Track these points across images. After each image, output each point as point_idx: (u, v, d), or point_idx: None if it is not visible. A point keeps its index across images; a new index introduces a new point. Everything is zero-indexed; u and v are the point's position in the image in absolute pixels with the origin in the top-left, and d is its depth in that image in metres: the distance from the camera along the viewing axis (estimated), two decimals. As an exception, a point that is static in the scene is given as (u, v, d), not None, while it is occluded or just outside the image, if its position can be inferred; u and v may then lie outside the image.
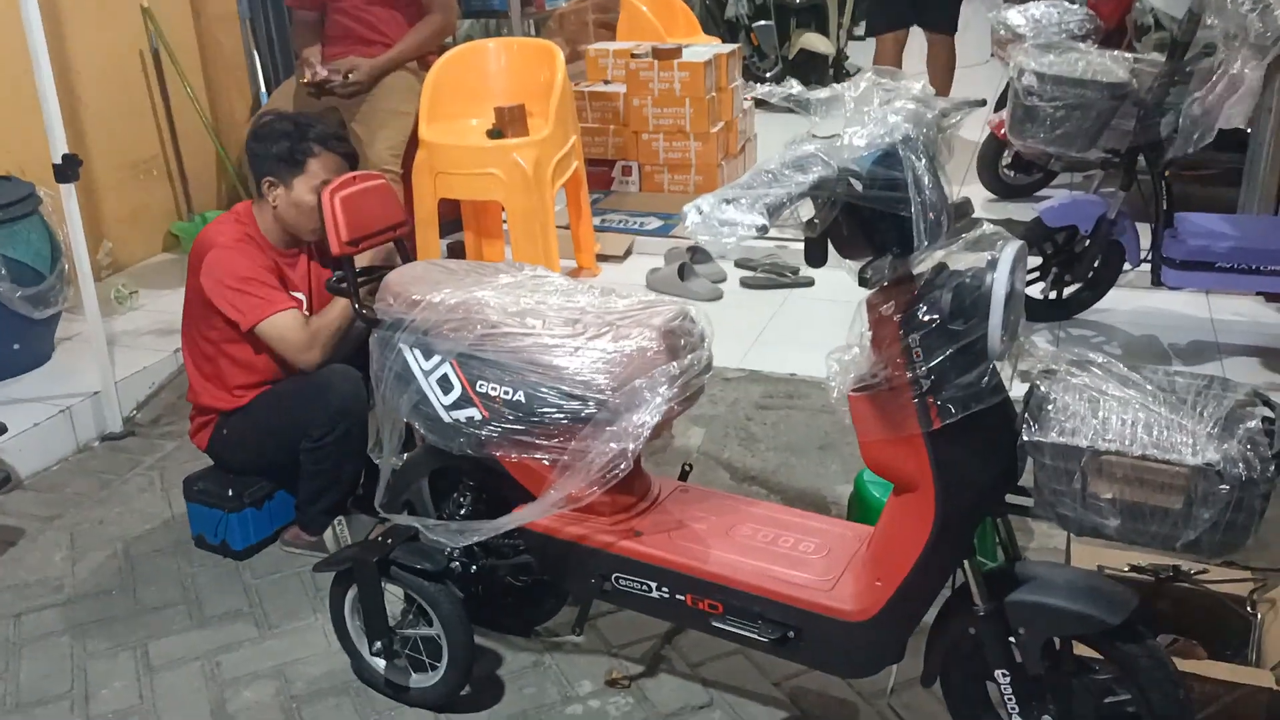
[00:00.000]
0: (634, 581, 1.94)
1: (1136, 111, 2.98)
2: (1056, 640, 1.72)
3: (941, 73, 4.92)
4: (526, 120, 3.82)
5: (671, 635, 2.25)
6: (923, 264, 1.63)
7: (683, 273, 3.90)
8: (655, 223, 4.49)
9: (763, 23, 6.88)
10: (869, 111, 1.66)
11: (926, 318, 1.56)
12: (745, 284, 3.96)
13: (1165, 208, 3.11)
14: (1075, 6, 4.07)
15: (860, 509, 2.39)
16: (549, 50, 3.94)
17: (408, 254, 2.33)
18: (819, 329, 3.65)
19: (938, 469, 1.60)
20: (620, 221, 4.53)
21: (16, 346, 3.46)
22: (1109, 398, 1.55)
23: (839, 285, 1.63)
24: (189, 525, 2.71)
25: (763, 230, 1.43)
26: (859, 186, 1.53)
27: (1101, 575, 1.69)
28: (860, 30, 8.38)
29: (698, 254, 4.05)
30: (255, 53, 4.91)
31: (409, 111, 3.77)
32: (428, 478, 2.24)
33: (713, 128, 4.77)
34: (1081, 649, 1.73)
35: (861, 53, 8.10)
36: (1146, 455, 1.45)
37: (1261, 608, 1.97)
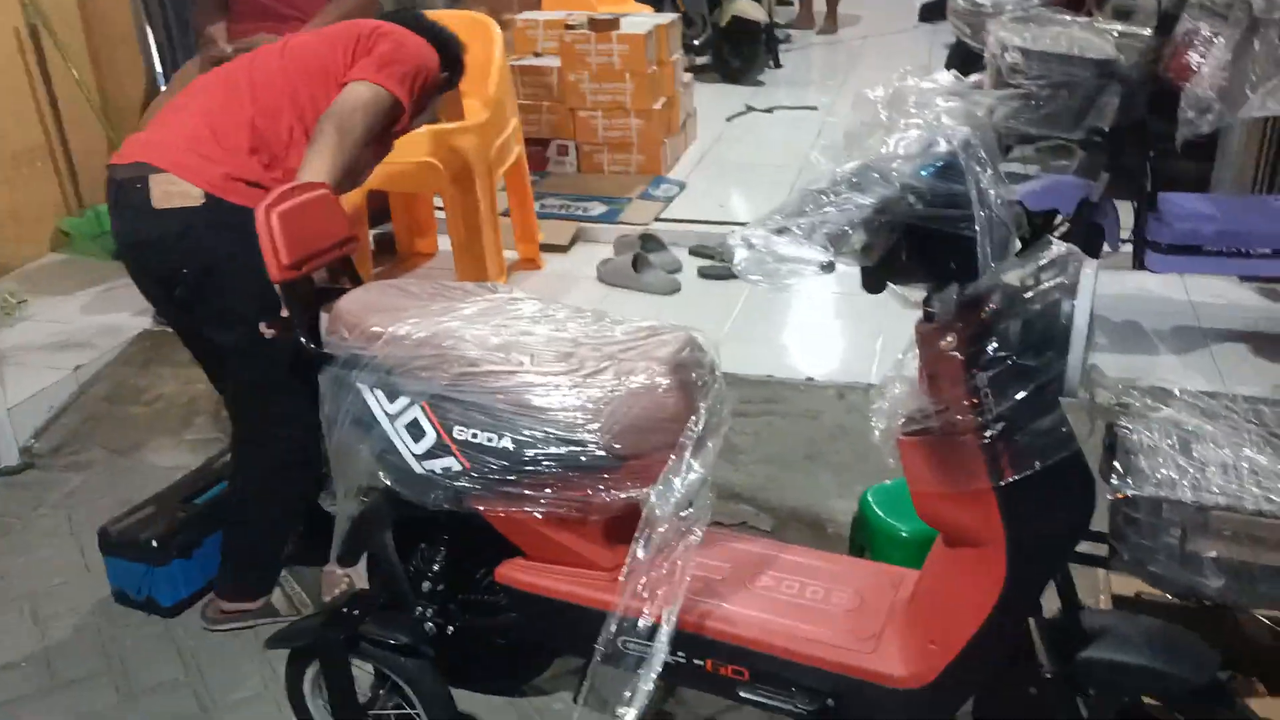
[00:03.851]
0: (645, 645, 1.70)
1: (1120, 89, 2.82)
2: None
3: None
4: (461, 103, 3.51)
5: (674, 687, 2.03)
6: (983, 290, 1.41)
7: (636, 264, 3.65)
8: (600, 208, 4.22)
9: (689, -12, 6.59)
10: (912, 114, 1.43)
11: (998, 355, 1.35)
12: (703, 274, 3.72)
13: (1150, 189, 2.98)
14: (1034, -24, 3.91)
15: (866, 533, 2.20)
16: (483, 24, 3.62)
17: (356, 274, 2.03)
18: (789, 323, 3.45)
19: (1010, 525, 1.40)
20: (561, 207, 4.25)
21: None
22: (1200, 439, 1.37)
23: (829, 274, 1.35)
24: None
25: (828, 268, 1.21)
26: (919, 205, 1.31)
27: (1178, 628, 1.52)
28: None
29: (650, 242, 3.81)
30: (148, 28, 4.45)
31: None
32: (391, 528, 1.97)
33: (655, 104, 4.50)
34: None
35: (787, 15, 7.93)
36: (1262, 510, 1.27)
37: (1315, 635, 1.84)
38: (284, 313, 1.84)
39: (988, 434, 1.36)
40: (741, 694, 1.66)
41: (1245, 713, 1.49)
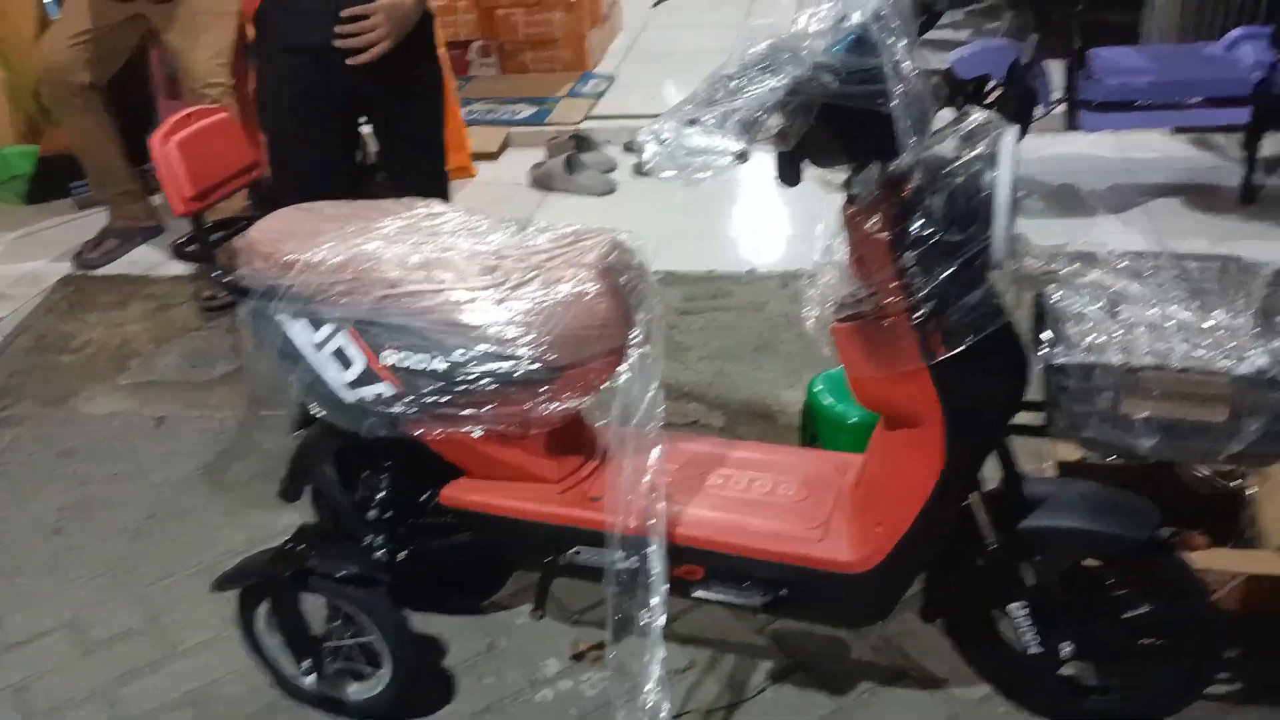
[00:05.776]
0: (597, 553, 1.70)
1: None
2: (1068, 560, 1.58)
3: None
4: (371, 8, 3.34)
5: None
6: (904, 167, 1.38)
7: (570, 165, 3.56)
8: (528, 109, 4.09)
9: None
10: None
11: (923, 233, 1.32)
12: (639, 171, 3.64)
13: (1079, 46, 2.93)
14: None
15: (815, 420, 2.20)
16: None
17: (266, 201, 1.94)
18: (729, 215, 3.40)
19: (946, 404, 1.40)
20: (488, 112, 4.12)
21: None
22: (1127, 300, 1.36)
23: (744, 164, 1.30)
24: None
25: (741, 157, 1.16)
26: (834, 83, 1.26)
27: (1117, 489, 1.54)
28: None
29: (583, 142, 3.71)
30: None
31: (231, 10, 3.24)
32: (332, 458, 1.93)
33: (575, -6, 4.34)
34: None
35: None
36: (1188, 368, 1.27)
37: (1253, 482, 1.87)
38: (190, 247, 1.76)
39: (918, 313, 1.34)
40: (695, 593, 1.67)
41: (1182, 566, 1.52)
